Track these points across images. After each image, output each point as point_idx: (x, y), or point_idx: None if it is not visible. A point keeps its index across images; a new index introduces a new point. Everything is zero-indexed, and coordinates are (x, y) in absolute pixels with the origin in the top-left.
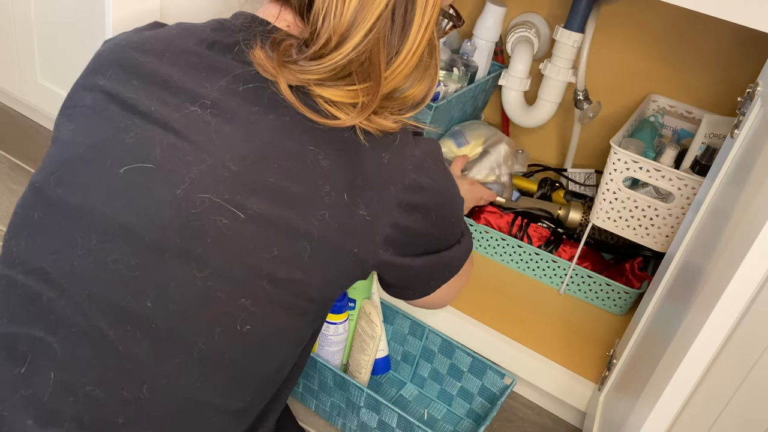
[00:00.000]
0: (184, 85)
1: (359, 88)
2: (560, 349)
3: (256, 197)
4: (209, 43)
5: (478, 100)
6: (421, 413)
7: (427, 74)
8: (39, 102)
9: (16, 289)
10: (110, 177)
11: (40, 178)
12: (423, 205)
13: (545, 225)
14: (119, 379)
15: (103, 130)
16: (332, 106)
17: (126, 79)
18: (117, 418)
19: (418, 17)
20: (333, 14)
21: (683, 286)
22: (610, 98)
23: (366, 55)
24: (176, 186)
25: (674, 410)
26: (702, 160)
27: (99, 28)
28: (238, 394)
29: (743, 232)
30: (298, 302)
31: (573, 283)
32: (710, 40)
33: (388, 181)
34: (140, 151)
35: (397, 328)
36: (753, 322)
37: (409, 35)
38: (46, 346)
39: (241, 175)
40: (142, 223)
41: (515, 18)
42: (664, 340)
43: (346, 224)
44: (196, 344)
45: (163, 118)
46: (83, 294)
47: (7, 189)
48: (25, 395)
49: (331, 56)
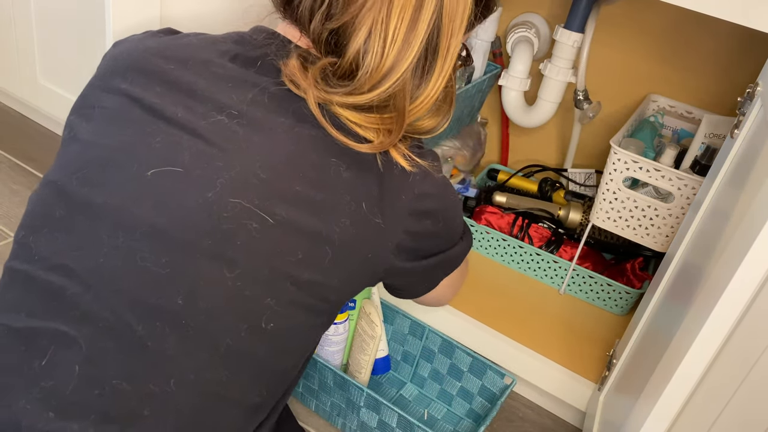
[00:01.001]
0: (210, 94)
1: (379, 117)
2: (560, 349)
3: (283, 204)
4: (232, 56)
5: (475, 100)
6: (421, 413)
7: (442, 110)
8: (39, 102)
9: (35, 284)
10: (138, 179)
11: (61, 177)
12: (431, 211)
13: (546, 225)
14: (147, 373)
15: (128, 133)
16: (357, 126)
17: (148, 84)
18: (143, 411)
19: (439, 65)
20: (373, 56)
21: (683, 286)
22: (610, 98)
23: (392, 94)
24: (207, 190)
25: (674, 410)
26: (702, 160)
27: (99, 28)
28: (256, 389)
29: (743, 232)
30: (316, 303)
31: (574, 284)
32: (710, 40)
33: (399, 191)
34: (168, 155)
35: (397, 328)
36: (753, 322)
37: (430, 79)
38: (70, 339)
39: (270, 183)
40: (172, 224)
41: (515, 18)
42: (664, 340)
43: (363, 231)
44: (223, 340)
45: (191, 124)
46: (110, 290)
47: (8, 189)
48: (46, 387)
49: (365, 95)
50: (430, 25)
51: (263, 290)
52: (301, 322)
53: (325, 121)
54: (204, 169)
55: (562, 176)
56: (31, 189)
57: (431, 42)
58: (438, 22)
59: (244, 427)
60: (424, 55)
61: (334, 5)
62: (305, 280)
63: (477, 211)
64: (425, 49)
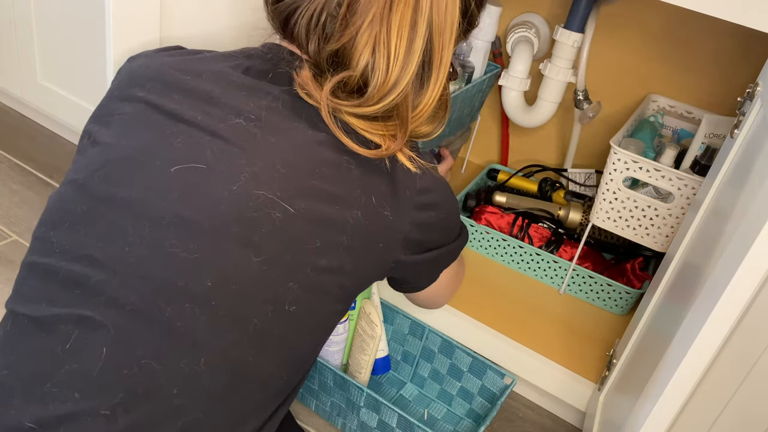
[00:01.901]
0: (227, 101)
1: (383, 124)
2: (560, 349)
3: (302, 196)
4: (244, 68)
5: (475, 100)
6: (421, 413)
7: (437, 116)
8: (39, 102)
9: (56, 275)
10: (161, 174)
11: (83, 176)
12: (432, 204)
13: (546, 225)
14: (177, 353)
15: (148, 134)
16: (366, 132)
17: (166, 92)
18: (172, 389)
19: (435, 76)
20: (379, 73)
21: (683, 286)
22: (610, 98)
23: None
24: (232, 183)
25: (674, 410)
26: (702, 160)
27: (99, 28)
28: (278, 372)
29: (743, 232)
30: (333, 290)
31: (574, 284)
32: (710, 39)
33: (404, 186)
34: (191, 153)
35: (397, 328)
36: (753, 322)
37: (428, 89)
38: (96, 323)
39: (289, 177)
40: (199, 214)
41: (515, 18)
42: (664, 340)
43: (374, 223)
44: (251, 321)
45: (210, 126)
46: (137, 276)
47: (8, 189)
48: (70, 370)
49: (373, 107)
50: (424, 41)
51: (286, 275)
52: (320, 307)
53: (336, 128)
54: (227, 165)
55: (562, 176)
56: (31, 189)
57: (426, 56)
58: (430, 38)
59: (265, 408)
60: (421, 68)
61: (329, 26)
62: (323, 267)
63: (477, 211)
64: (422, 62)
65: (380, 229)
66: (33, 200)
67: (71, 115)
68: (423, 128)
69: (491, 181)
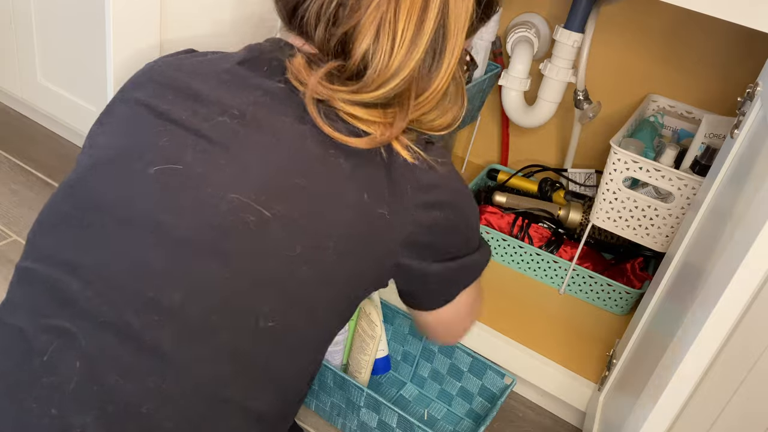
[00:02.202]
0: (214, 98)
1: (382, 111)
2: (560, 349)
3: (281, 198)
4: (240, 60)
5: (475, 100)
6: (421, 413)
7: (454, 107)
8: (39, 102)
9: (40, 282)
10: (141, 176)
11: (73, 178)
12: (440, 203)
13: (546, 225)
14: (144, 369)
15: (136, 134)
16: (357, 120)
17: (162, 92)
18: (140, 408)
19: (445, 62)
20: (382, 56)
21: (683, 286)
22: (610, 98)
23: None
24: (206, 186)
25: (674, 410)
26: (702, 160)
27: (99, 28)
28: (260, 395)
29: (743, 232)
30: (319, 303)
31: (574, 284)
32: (710, 40)
33: (405, 181)
34: (172, 154)
35: (397, 328)
36: (753, 322)
37: (436, 77)
38: (71, 336)
39: (269, 177)
40: (172, 219)
41: (515, 18)
42: (664, 340)
43: (367, 222)
44: (220, 337)
45: (194, 126)
46: (109, 285)
47: (8, 189)
48: (48, 384)
49: (372, 94)
50: (435, 25)
51: (261, 286)
52: (304, 322)
53: (318, 117)
54: (205, 167)
55: (562, 176)
56: (31, 189)
57: (437, 41)
58: (443, 22)
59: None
60: (430, 54)
61: (342, 9)
62: (305, 277)
63: None
64: (431, 48)
65: (374, 230)
66: (33, 200)
67: (71, 115)
68: (438, 120)
69: (491, 181)
